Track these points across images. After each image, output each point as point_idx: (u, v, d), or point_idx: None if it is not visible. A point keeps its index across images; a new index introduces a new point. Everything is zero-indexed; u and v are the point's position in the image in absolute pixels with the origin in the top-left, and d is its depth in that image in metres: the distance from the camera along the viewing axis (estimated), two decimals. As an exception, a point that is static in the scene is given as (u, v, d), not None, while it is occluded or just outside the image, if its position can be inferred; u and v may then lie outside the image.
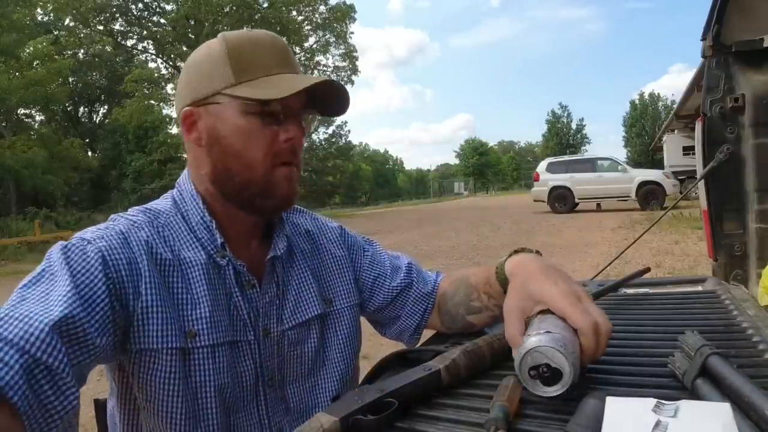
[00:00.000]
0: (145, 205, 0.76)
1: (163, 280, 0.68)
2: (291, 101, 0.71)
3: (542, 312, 0.62)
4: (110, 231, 0.68)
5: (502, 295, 0.73)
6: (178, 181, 0.79)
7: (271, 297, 0.77)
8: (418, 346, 0.90)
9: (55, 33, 23.26)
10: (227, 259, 0.73)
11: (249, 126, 0.70)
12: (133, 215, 0.73)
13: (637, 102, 47.15)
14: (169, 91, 25.65)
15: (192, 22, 23.00)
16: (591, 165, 14.58)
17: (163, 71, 25.76)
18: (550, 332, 0.56)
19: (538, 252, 0.77)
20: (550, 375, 0.54)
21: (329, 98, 0.77)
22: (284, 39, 0.76)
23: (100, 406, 0.89)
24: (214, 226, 0.73)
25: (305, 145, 0.85)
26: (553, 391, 0.55)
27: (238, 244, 0.75)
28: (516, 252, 0.77)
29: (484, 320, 0.83)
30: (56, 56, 20.64)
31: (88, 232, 0.67)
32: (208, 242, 0.73)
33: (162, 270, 0.68)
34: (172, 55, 24.65)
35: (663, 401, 0.43)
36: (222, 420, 0.70)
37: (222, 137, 0.70)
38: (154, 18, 24.38)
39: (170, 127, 25.51)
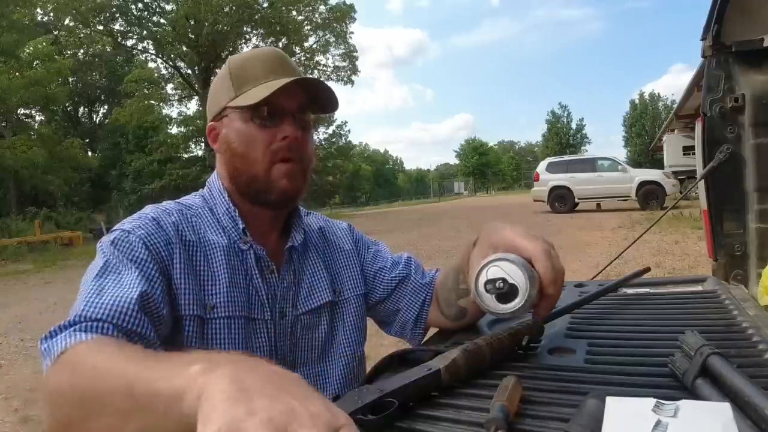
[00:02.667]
0: (176, 200, 0.86)
1: (188, 258, 0.77)
2: (283, 102, 0.79)
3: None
4: (144, 220, 0.77)
5: None
6: (208, 180, 0.89)
7: (288, 283, 0.85)
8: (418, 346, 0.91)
9: (55, 33, 23.22)
10: (249, 244, 0.82)
11: (249, 130, 0.79)
12: (165, 204, 0.83)
13: (637, 102, 47.14)
14: (169, 91, 25.68)
15: (192, 22, 22.97)
16: (591, 165, 14.56)
17: (163, 71, 25.80)
18: (506, 256, 0.59)
19: None
20: (507, 291, 0.55)
21: (326, 97, 0.84)
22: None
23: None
24: (237, 214, 0.83)
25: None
26: (510, 307, 0.55)
27: (258, 235, 0.84)
28: None
29: (473, 303, 0.84)
30: (56, 56, 20.60)
31: (126, 224, 0.77)
32: (231, 229, 0.82)
33: (187, 249, 0.78)
34: (172, 55, 24.64)
35: (663, 401, 0.43)
36: None
37: (231, 142, 0.81)
38: (154, 18, 24.37)
39: (170, 127, 25.52)
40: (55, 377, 0.56)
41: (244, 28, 24.08)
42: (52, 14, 22.98)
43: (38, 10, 22.21)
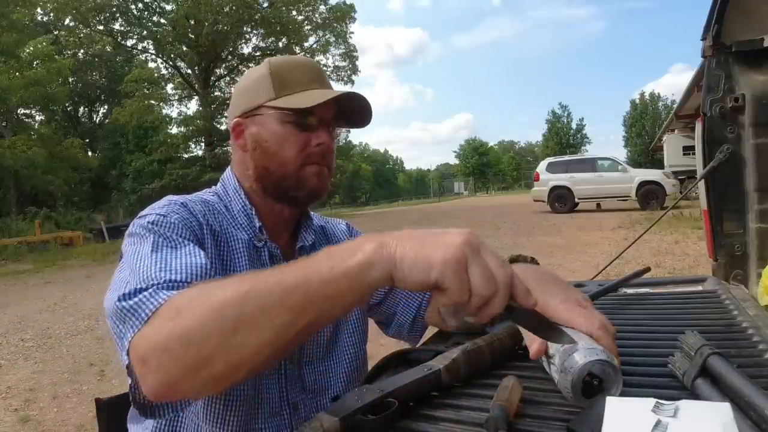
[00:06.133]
0: (190, 195, 0.85)
1: (216, 246, 0.79)
2: (322, 112, 0.82)
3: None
4: (174, 205, 0.77)
5: None
6: (222, 177, 0.90)
7: None
8: (418, 345, 0.91)
9: (55, 33, 23.22)
10: (264, 241, 0.84)
11: (285, 132, 0.81)
12: (184, 196, 0.82)
13: (637, 102, 47.09)
14: (169, 91, 25.67)
15: (192, 22, 22.96)
16: (591, 165, 14.57)
17: (163, 71, 25.78)
18: (593, 347, 0.56)
19: (533, 258, 0.78)
20: (596, 390, 0.53)
21: (357, 111, 0.87)
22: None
23: (100, 406, 0.89)
24: (254, 213, 0.84)
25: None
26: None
27: (272, 234, 0.86)
28: (510, 261, 0.79)
29: (482, 321, 0.84)
30: (56, 56, 20.59)
31: (156, 209, 0.75)
32: (247, 227, 0.84)
33: (214, 238, 0.79)
34: (172, 55, 24.63)
35: (663, 401, 0.43)
36: (249, 384, 0.77)
37: (264, 141, 0.82)
38: (154, 18, 24.36)
39: (170, 127, 25.50)
40: (180, 316, 0.52)
41: (244, 28, 24.06)
42: (52, 14, 23.00)
43: (38, 10, 22.22)
